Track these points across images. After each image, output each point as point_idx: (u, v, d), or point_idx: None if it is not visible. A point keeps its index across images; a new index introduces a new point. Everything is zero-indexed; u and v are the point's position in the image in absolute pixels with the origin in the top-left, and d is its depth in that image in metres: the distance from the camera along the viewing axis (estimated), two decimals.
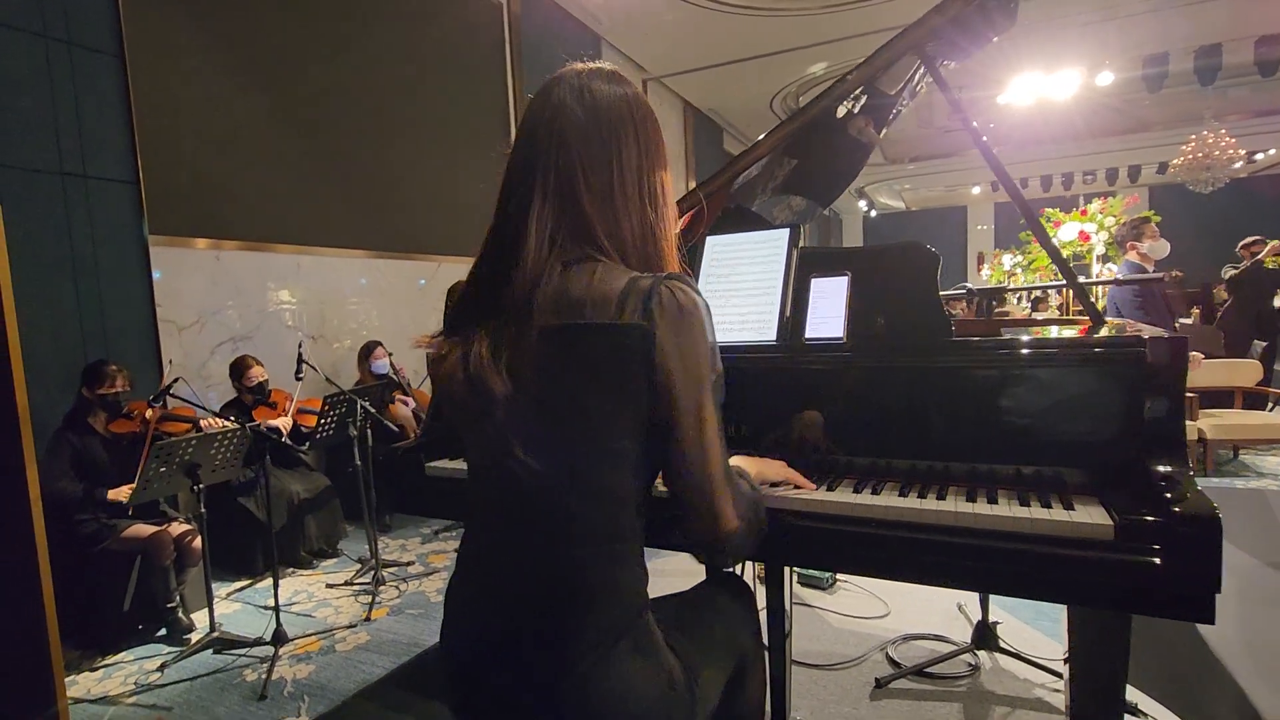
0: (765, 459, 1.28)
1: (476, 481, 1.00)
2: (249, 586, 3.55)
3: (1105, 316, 1.58)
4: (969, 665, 2.34)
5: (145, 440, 2.96)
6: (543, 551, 0.92)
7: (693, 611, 1.14)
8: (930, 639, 2.56)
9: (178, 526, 3.02)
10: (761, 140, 1.77)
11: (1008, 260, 11.82)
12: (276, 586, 2.81)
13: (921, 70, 1.91)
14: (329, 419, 3.42)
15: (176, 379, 3.07)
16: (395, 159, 5.12)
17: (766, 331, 1.48)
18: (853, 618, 2.79)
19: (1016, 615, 2.74)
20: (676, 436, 0.90)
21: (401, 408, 4.45)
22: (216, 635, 2.82)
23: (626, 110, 0.97)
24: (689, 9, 6.85)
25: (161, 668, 2.69)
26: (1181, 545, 0.95)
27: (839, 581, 3.10)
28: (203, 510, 2.82)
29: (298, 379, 3.49)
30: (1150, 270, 3.63)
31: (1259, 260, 6.05)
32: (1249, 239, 6.31)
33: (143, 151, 3.53)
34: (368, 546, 3.52)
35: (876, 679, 2.26)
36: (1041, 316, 5.96)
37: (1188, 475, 1.04)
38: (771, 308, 1.50)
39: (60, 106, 3.21)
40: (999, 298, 2.57)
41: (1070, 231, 6.39)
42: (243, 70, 4.09)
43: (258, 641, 2.82)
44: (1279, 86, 9.58)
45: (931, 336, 1.34)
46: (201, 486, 2.78)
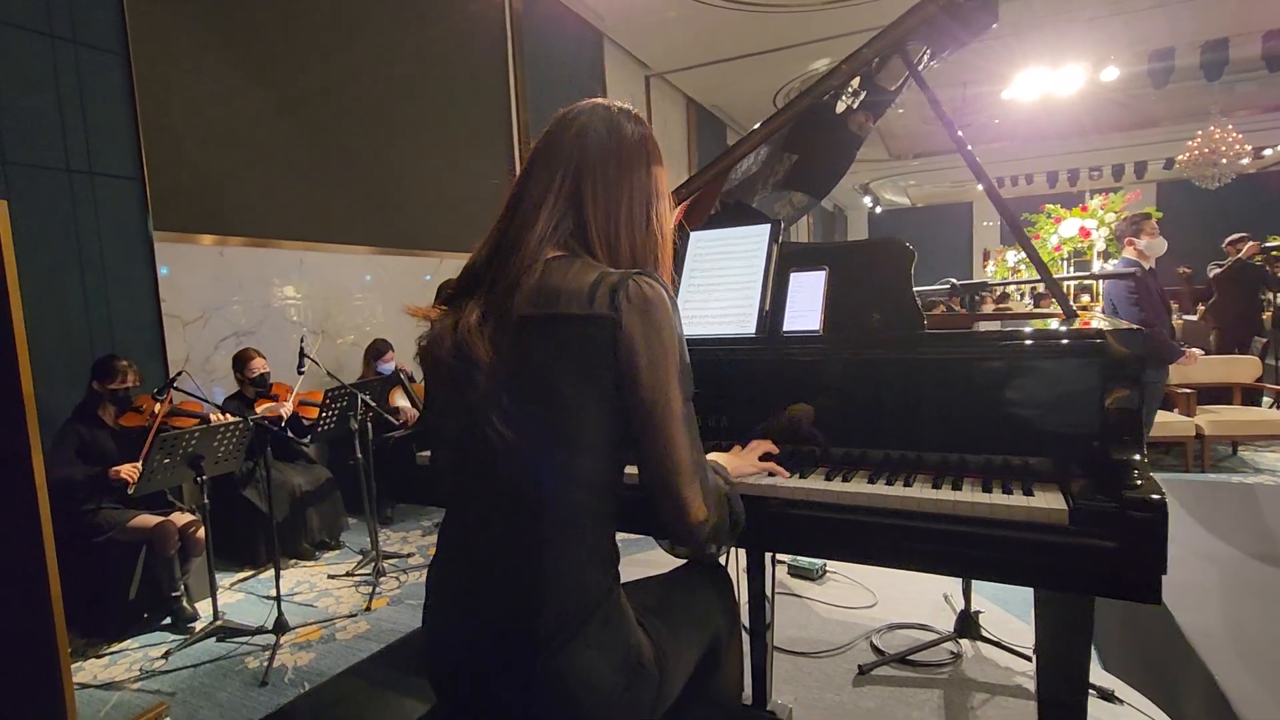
0: (743, 452, 1.32)
1: (455, 456, 1.04)
2: (252, 577, 3.61)
3: (1101, 313, 1.61)
4: (951, 653, 2.38)
5: (152, 433, 3.02)
6: (515, 530, 0.96)
7: (667, 593, 1.18)
8: (914, 628, 2.60)
9: (182, 517, 3.08)
10: (751, 134, 1.80)
11: (1011, 257, 11.82)
12: (278, 576, 2.87)
13: (921, 65, 1.94)
14: (330, 412, 3.47)
15: (180, 372, 3.13)
16: (398, 155, 5.17)
17: (746, 325, 1.52)
18: (840, 607, 2.83)
19: (999, 604, 2.79)
20: (643, 424, 0.94)
21: (401, 399, 4.50)
22: (220, 624, 2.88)
23: (645, 149, 1.07)
24: (691, 5, 6.85)
25: (166, 655, 2.75)
26: (1130, 529, 0.99)
27: (828, 572, 3.14)
28: (206, 501, 2.89)
29: (300, 372, 3.55)
30: (1147, 268, 3.63)
31: (1241, 258, 6.05)
32: (1233, 236, 6.30)
33: (147, 148, 3.58)
34: (369, 538, 3.58)
35: (859, 666, 2.30)
36: (1043, 311, 5.99)
37: (1143, 463, 1.08)
38: (752, 302, 1.54)
39: (66, 104, 3.27)
40: (982, 293, 2.60)
41: (1071, 227, 6.41)
42: (246, 67, 4.14)
43: (260, 630, 2.88)
44: None
45: (904, 329, 1.37)
46: (205, 478, 2.84)
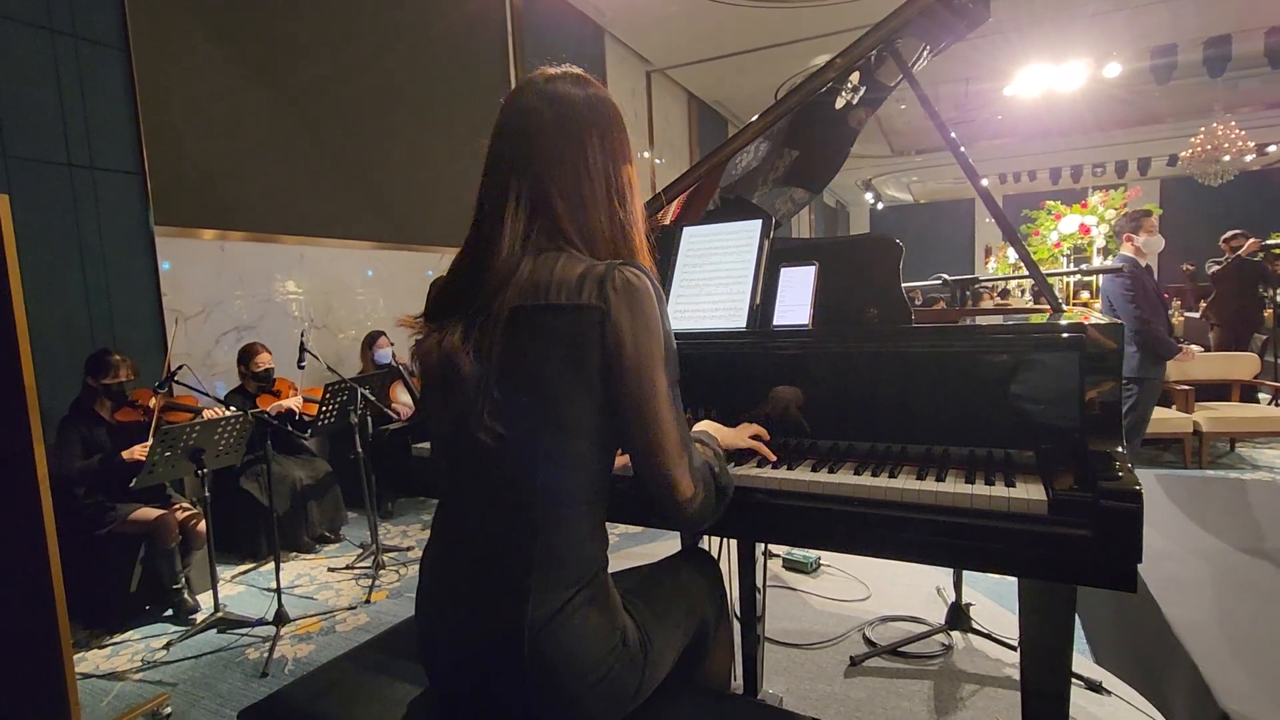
0: (736, 427, 1.34)
1: (447, 454, 1.06)
2: (252, 569, 3.65)
3: (1099, 311, 1.63)
4: (942, 645, 2.40)
5: (150, 428, 3.05)
6: (507, 518, 0.98)
7: (655, 579, 1.21)
8: (906, 620, 2.62)
9: (183, 510, 3.11)
10: (747, 128, 1.81)
11: (1013, 254, 11.82)
12: (278, 569, 2.89)
13: (919, 59, 1.95)
14: (330, 406, 3.50)
15: (181, 366, 3.15)
16: (399, 150, 5.19)
17: (737, 318, 1.54)
18: (833, 600, 2.85)
19: (991, 597, 2.81)
20: (631, 408, 0.96)
21: (402, 394, 4.53)
22: (220, 615, 2.91)
23: (591, 114, 1.03)
24: (693, 0, 6.85)
25: (167, 646, 2.78)
26: (1106, 519, 1.00)
27: (823, 566, 3.17)
28: (207, 495, 2.91)
29: (300, 367, 3.57)
30: (1144, 264, 3.64)
31: (1239, 255, 6.05)
32: (1230, 233, 6.31)
33: (148, 143, 3.60)
34: (369, 532, 3.61)
35: (851, 657, 2.33)
36: (1036, 306, 6.00)
37: (1123, 455, 1.10)
38: (743, 296, 1.56)
39: (67, 99, 3.29)
40: (974, 288, 2.62)
41: (1071, 224, 6.41)
42: (247, 62, 4.16)
43: (260, 622, 2.92)
44: None
45: (891, 323, 1.39)
46: (206, 471, 2.87)
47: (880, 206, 19.15)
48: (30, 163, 3.16)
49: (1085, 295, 6.54)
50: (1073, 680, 1.62)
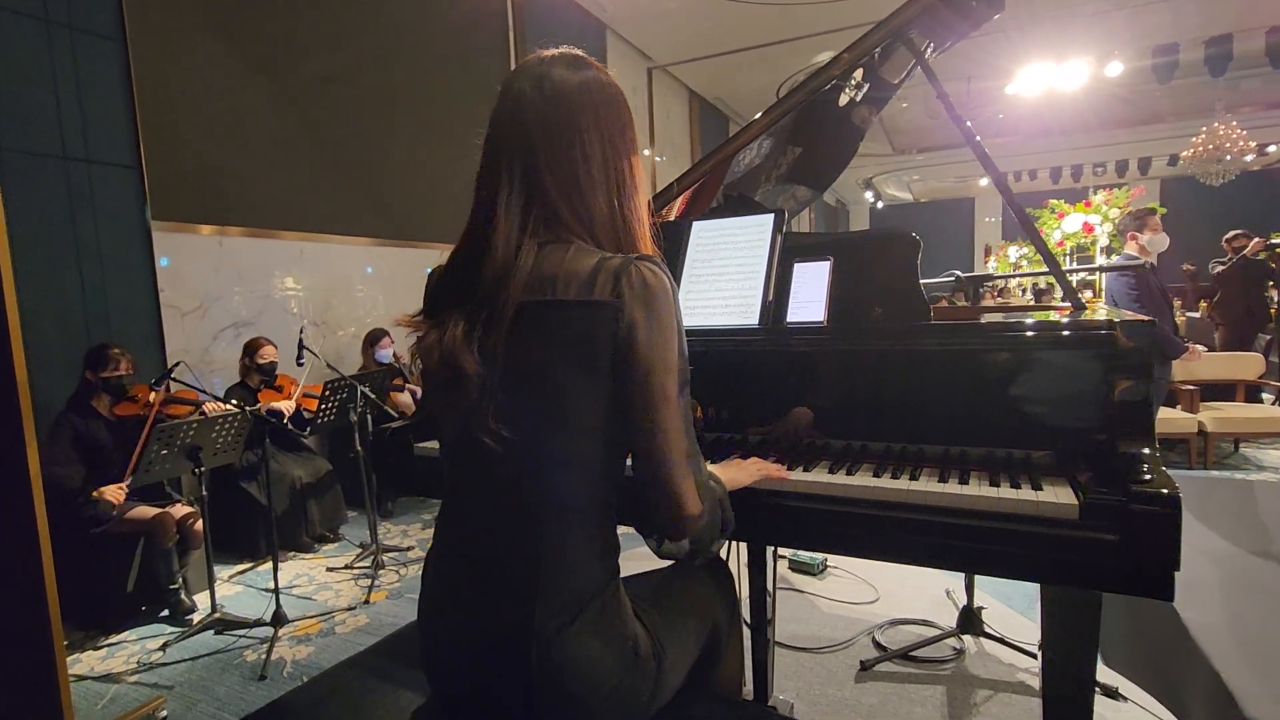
0: (742, 464, 1.24)
1: (451, 454, 1.02)
2: (250, 569, 3.60)
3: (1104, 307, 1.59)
4: (953, 649, 2.37)
5: (148, 421, 3.00)
6: (512, 522, 0.95)
7: (666, 587, 1.16)
8: (917, 623, 2.59)
9: (180, 509, 3.06)
10: (750, 124, 1.78)
11: (1013, 252, 11.80)
12: (276, 569, 2.85)
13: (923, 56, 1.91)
14: (330, 404, 3.46)
15: (178, 363, 3.11)
16: (399, 147, 5.14)
17: (749, 315, 1.50)
18: (842, 603, 2.81)
19: (1002, 601, 2.77)
20: (640, 414, 0.92)
21: (403, 394, 4.49)
22: (218, 616, 2.87)
23: (586, 97, 0.97)
24: None
25: (164, 647, 2.74)
26: (1142, 524, 0.96)
27: (830, 567, 3.13)
28: (204, 493, 2.87)
29: (299, 365, 3.53)
30: (1148, 263, 3.60)
31: (1243, 255, 6.02)
32: (1232, 233, 6.29)
33: (145, 137, 3.56)
34: (368, 531, 3.57)
35: (861, 662, 2.29)
36: (1050, 304, 5.97)
37: (1154, 456, 1.06)
38: (755, 292, 1.51)
39: (63, 92, 3.24)
40: (986, 284, 2.59)
41: (1074, 223, 6.38)
42: (245, 56, 4.11)
43: (258, 623, 2.87)
44: None
45: (910, 321, 1.35)
46: (203, 469, 2.82)
47: (880, 205, 19.13)
48: (25, 156, 3.11)
49: (1088, 294, 6.51)
50: None
